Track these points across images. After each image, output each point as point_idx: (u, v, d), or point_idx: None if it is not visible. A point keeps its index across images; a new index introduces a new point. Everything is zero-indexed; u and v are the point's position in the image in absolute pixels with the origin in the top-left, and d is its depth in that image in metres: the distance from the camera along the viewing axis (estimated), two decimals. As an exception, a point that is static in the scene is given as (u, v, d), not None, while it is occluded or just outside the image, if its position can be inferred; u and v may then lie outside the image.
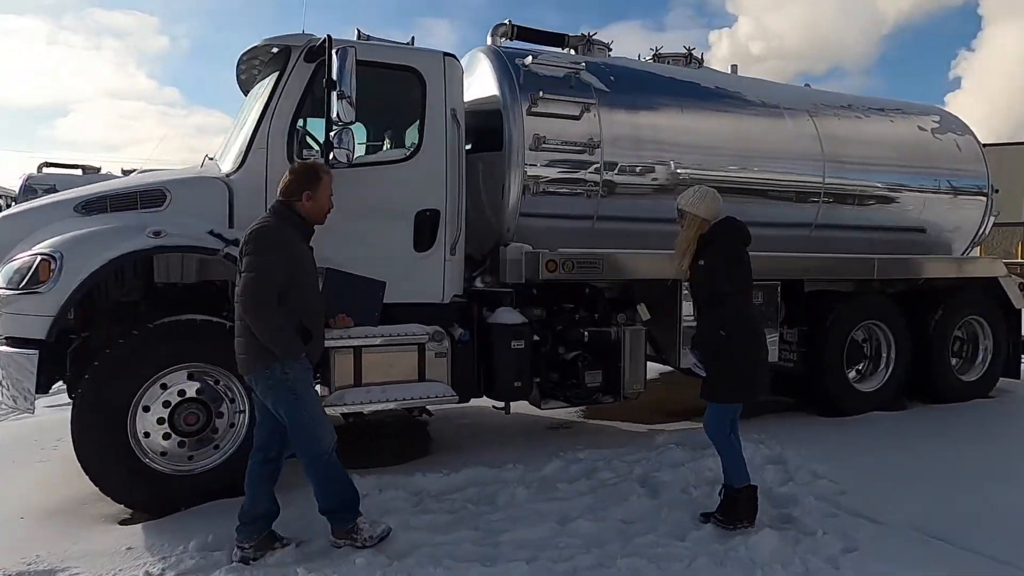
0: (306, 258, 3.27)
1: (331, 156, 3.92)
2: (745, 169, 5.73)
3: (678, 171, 5.37)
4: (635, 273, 5.19)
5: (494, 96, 5.03)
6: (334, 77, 3.83)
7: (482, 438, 5.21)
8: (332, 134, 3.89)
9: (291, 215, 3.24)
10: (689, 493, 3.98)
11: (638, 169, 5.31)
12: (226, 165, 4.26)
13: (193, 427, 3.90)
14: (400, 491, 3.91)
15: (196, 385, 3.92)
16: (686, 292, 5.06)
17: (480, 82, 5.27)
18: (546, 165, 4.99)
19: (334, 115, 3.85)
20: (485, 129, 5.06)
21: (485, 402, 4.89)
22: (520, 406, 5.00)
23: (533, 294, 5.13)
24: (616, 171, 5.19)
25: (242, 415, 4.03)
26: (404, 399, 4.34)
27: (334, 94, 3.82)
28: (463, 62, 5.59)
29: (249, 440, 4.00)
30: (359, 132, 5.24)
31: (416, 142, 4.54)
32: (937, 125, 6.91)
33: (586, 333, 5.05)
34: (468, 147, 5.36)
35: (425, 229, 4.50)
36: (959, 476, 4.35)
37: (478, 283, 5.15)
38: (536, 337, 4.88)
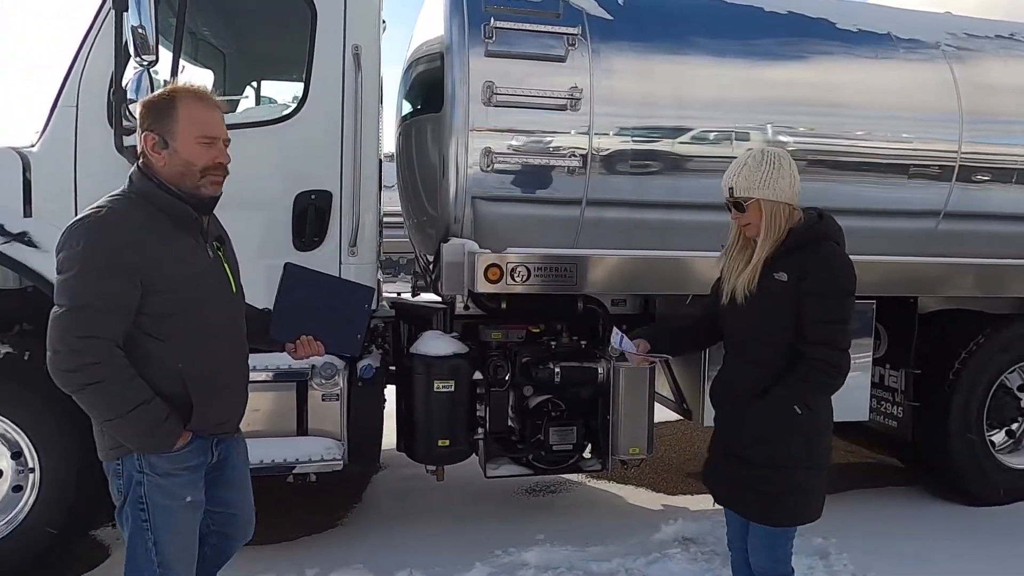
0: (187, 259, 1.85)
1: (124, 111, 2.70)
2: (831, 133, 3.86)
3: (715, 136, 3.68)
4: (634, 286, 3.57)
5: (440, 36, 3.61)
6: (125, -5, 2.59)
7: (416, 506, 3.82)
8: (127, 80, 2.66)
9: (147, 185, 1.83)
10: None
11: (654, 134, 3.65)
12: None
13: (-48, 491, 2.86)
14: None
15: (-41, 434, 2.87)
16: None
17: (431, 20, 3.86)
18: (506, 130, 3.48)
19: (132, 53, 2.61)
20: (434, 83, 3.65)
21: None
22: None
23: (501, 309, 3.68)
24: (615, 137, 3.58)
25: (32, 475, 2.94)
26: (262, 463, 3.05)
27: (126, 17, 2.58)
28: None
29: (43, 510, 2.95)
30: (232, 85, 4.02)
31: (299, 95, 3.22)
32: None
33: (558, 370, 3.50)
34: (419, 107, 4.02)
35: (309, 218, 3.17)
36: None
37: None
38: (478, 375, 3.42)
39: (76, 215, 2.89)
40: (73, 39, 3.03)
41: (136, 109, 1.96)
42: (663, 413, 4.00)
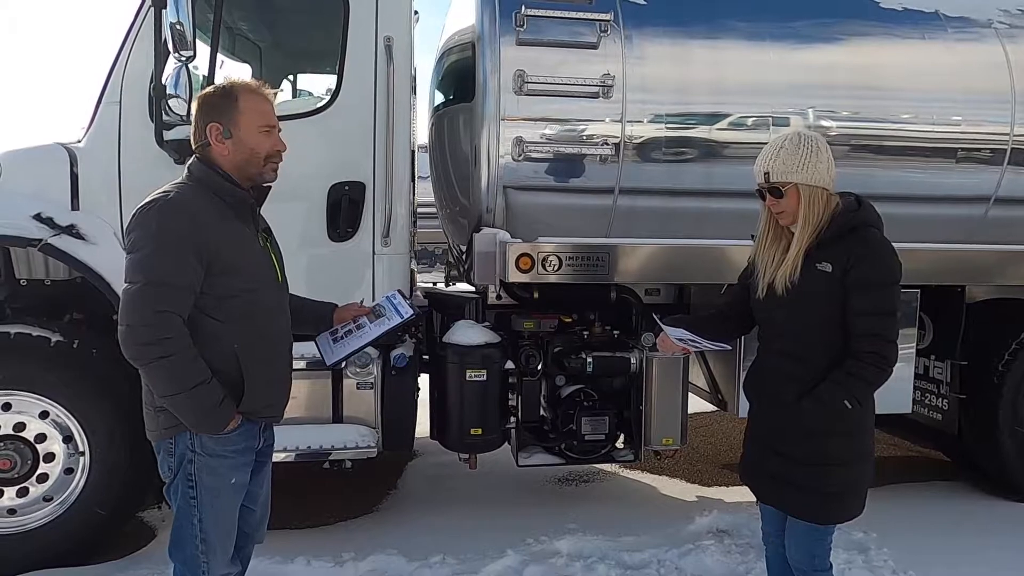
0: (243, 244, 1.93)
1: (165, 107, 2.76)
2: (874, 117, 3.74)
3: (753, 121, 3.60)
4: (668, 275, 3.53)
5: (472, 25, 3.60)
6: (163, -9, 2.65)
7: (449, 493, 3.86)
8: (167, 76, 2.73)
9: (208, 173, 1.90)
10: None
11: (689, 121, 3.59)
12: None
13: (8, 473, 2.99)
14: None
15: (14, 420, 2.99)
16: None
17: (463, 10, 3.85)
18: (538, 118, 3.46)
19: (171, 49, 2.67)
20: (466, 73, 3.66)
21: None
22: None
23: (533, 299, 3.68)
24: (649, 124, 3.52)
25: (82, 458, 3.06)
26: (299, 449, 3.13)
27: (164, 15, 2.64)
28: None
29: (93, 492, 3.08)
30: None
31: (332, 88, 3.25)
32: None
33: (590, 360, 3.49)
34: (451, 97, 4.03)
35: (343, 209, 3.22)
36: None
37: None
38: (510, 364, 3.43)
39: (120, 208, 3.06)
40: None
41: (192, 104, 1.98)
42: (697, 404, 3.96)
